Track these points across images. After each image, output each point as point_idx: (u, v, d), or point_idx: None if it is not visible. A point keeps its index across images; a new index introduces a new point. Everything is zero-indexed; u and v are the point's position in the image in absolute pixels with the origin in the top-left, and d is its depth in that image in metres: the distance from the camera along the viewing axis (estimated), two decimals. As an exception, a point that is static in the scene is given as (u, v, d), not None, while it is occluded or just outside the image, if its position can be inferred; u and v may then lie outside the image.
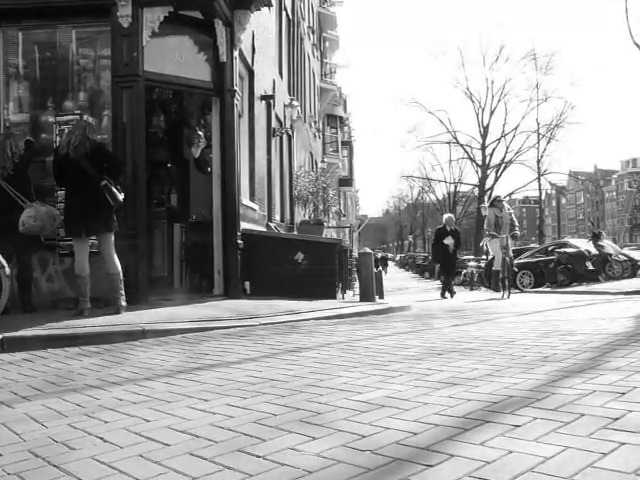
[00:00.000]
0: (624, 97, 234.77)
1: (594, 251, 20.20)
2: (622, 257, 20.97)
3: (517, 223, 14.41)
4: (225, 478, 2.07)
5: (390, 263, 75.55)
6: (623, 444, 2.16)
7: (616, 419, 2.47)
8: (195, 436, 2.59)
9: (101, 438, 2.63)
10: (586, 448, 2.14)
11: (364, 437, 2.43)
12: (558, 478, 1.88)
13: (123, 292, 7.55)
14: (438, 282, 43.36)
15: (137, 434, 2.67)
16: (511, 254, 13.70)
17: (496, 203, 14.63)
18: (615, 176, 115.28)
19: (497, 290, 14.11)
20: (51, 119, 8.97)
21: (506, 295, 13.34)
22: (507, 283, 13.58)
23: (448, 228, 17.10)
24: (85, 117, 8.08)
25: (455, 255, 17.90)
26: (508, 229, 13.97)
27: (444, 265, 17.90)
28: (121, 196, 7.52)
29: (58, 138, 8.50)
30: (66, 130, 8.31)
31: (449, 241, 16.78)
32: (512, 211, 14.14)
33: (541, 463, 2.02)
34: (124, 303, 7.52)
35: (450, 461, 2.10)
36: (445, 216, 18.63)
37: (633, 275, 19.63)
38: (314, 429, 2.59)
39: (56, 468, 2.26)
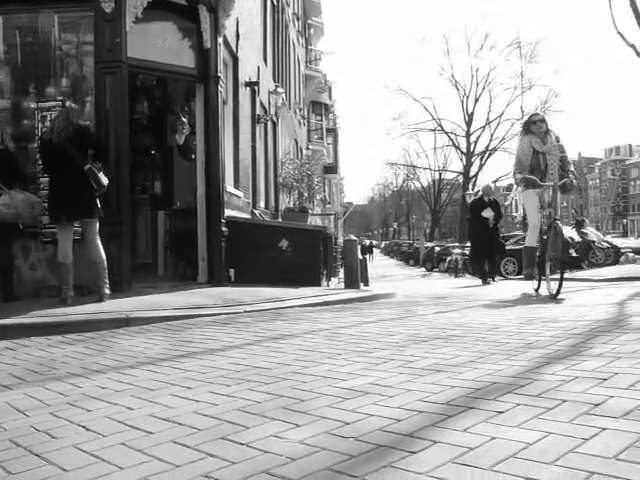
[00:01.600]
0: (608, 86, 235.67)
1: (577, 238, 20.35)
2: (605, 244, 21.15)
3: (572, 163, 8.62)
4: (208, 466, 2.06)
5: (375, 250, 75.69)
6: (604, 429, 2.17)
7: (597, 405, 2.48)
8: (178, 424, 2.58)
9: (84, 427, 2.62)
10: (568, 434, 2.15)
11: (347, 424, 2.43)
12: (540, 463, 1.89)
13: (107, 280, 7.51)
14: (423, 269, 43.46)
15: (120, 422, 2.66)
16: (558, 219, 8.00)
17: (534, 127, 8.25)
18: (598, 164, 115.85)
19: (531, 278, 8.45)
20: (33, 105, 8.87)
21: (549, 289, 7.86)
22: (550, 268, 8.02)
23: (486, 199, 14.60)
24: (68, 103, 8.00)
25: (497, 231, 15.14)
26: (557, 173, 8.12)
27: (483, 244, 14.69)
28: (105, 181, 7.47)
29: (40, 124, 8.43)
30: (48, 117, 8.24)
31: (488, 214, 14.31)
32: (563, 143, 8.42)
33: (523, 449, 2.03)
34: (108, 291, 7.48)
35: (433, 447, 2.11)
36: (483, 186, 16.04)
37: (616, 262, 19.80)
38: (298, 416, 2.59)
39: (38, 457, 2.25)
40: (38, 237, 8.62)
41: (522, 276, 9.12)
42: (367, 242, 65.72)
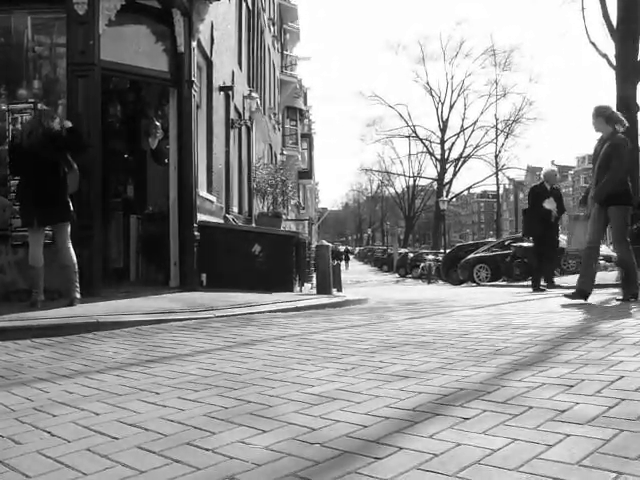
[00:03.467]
0: (580, 94, 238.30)
1: (549, 246, 20.44)
2: (577, 252, 21.29)
3: None
4: (173, 471, 2.05)
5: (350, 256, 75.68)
6: (568, 436, 2.19)
7: (563, 411, 2.50)
8: (145, 429, 2.56)
9: (49, 432, 2.60)
10: (533, 440, 2.17)
11: (314, 430, 2.43)
12: (504, 470, 1.90)
13: (78, 284, 7.45)
14: (396, 275, 43.62)
15: (86, 428, 2.63)
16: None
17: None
18: (571, 172, 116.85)
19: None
20: (4, 107, 8.78)
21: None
22: None
23: (548, 186, 12.16)
24: (39, 106, 7.93)
25: (557, 227, 12.47)
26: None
27: (542, 241, 12.10)
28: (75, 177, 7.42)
29: (11, 126, 8.35)
30: (19, 119, 8.17)
31: (551, 205, 11.87)
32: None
33: (488, 455, 2.04)
34: (78, 295, 7.41)
35: (399, 453, 2.11)
36: (544, 170, 13.25)
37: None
38: (264, 422, 2.58)
39: (0, 463, 2.22)
40: (8, 240, 8.52)
41: (491, 282, 9.63)
42: (342, 248, 65.49)
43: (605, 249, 26.42)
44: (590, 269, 7.73)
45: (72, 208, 7.45)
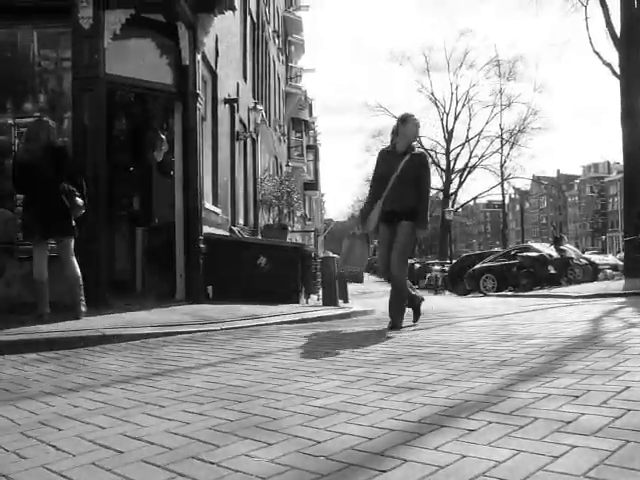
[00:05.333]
0: (586, 103, 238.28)
1: (556, 255, 20.48)
2: (583, 261, 21.30)
3: None
4: (177, 486, 2.05)
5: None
6: (574, 447, 2.18)
7: (569, 422, 2.49)
8: (150, 443, 2.56)
9: (53, 446, 2.59)
10: (538, 451, 2.16)
11: (319, 443, 2.42)
12: (509, 482, 1.90)
13: (83, 297, 7.45)
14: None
15: (91, 442, 2.63)
16: None
17: None
18: (577, 181, 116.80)
19: None
20: (10, 121, 8.83)
21: None
22: None
23: None
24: (45, 119, 7.95)
25: None
26: None
27: None
28: (80, 202, 7.39)
29: (17, 140, 8.38)
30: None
31: None
32: None
33: (493, 467, 2.03)
34: (84, 308, 7.42)
35: (403, 466, 2.10)
36: None
37: (594, 279, 19.92)
38: (269, 435, 2.57)
39: (5, 478, 2.22)
40: (13, 254, 8.54)
41: (497, 292, 9.14)
42: None
43: (612, 258, 26.28)
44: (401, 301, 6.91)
45: (74, 223, 7.43)
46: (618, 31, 17.39)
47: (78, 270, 7.44)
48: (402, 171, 6.70)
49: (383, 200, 6.77)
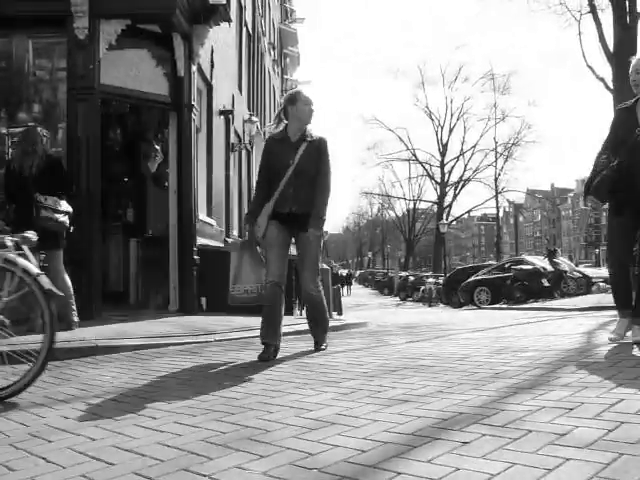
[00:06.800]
0: (579, 117, 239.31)
1: (550, 268, 20.53)
2: (577, 274, 21.34)
3: None
4: (168, 498, 2.03)
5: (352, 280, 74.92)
6: (568, 460, 2.17)
7: (562, 435, 2.48)
8: (141, 455, 2.54)
9: (44, 458, 2.57)
10: (532, 464, 2.15)
11: (312, 455, 2.41)
12: (503, 495, 1.88)
13: (74, 308, 7.41)
14: (397, 298, 43.48)
15: (82, 453, 2.61)
16: None
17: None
18: (571, 194, 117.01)
19: None
20: (3, 130, 8.81)
21: None
22: None
23: None
24: (39, 129, 7.91)
25: None
26: None
27: None
28: (63, 218, 7.25)
29: (10, 150, 8.36)
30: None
31: None
32: None
33: (487, 480, 2.02)
34: (76, 319, 7.38)
35: (397, 478, 2.10)
36: None
37: (588, 292, 19.95)
38: (262, 447, 2.56)
39: (-6, 489, 2.20)
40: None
41: (491, 305, 8.96)
42: (344, 272, 64.23)
43: (605, 271, 26.32)
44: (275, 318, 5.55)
45: (64, 235, 7.37)
46: (611, 46, 17.49)
47: (69, 281, 7.39)
48: (299, 164, 5.49)
49: (276, 200, 5.50)
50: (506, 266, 23.34)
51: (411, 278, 44.43)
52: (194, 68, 10.61)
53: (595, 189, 5.48)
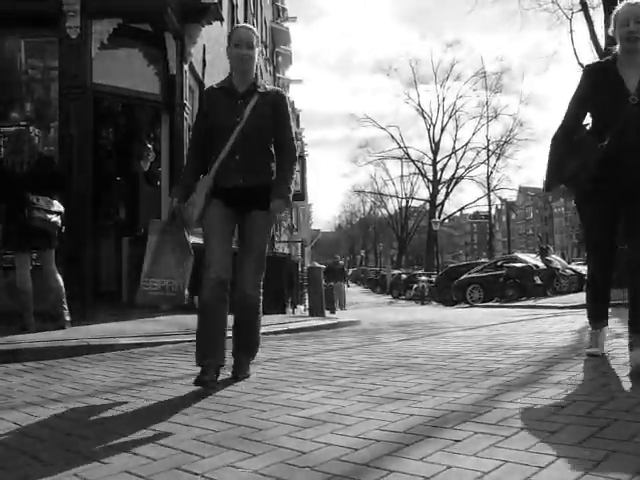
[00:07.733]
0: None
1: (542, 266, 20.56)
2: (569, 272, 21.39)
3: None
4: (160, 497, 2.03)
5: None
6: (560, 457, 2.18)
7: (554, 433, 2.49)
8: (133, 454, 2.54)
9: (35, 457, 2.57)
10: (524, 462, 2.15)
11: (304, 453, 2.41)
12: (494, 493, 1.89)
13: (67, 307, 7.39)
14: (389, 297, 43.46)
15: (74, 452, 2.61)
16: None
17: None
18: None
19: None
20: (-5, 130, 8.78)
21: None
22: None
23: None
24: (31, 129, 7.88)
25: None
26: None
27: None
28: (56, 218, 7.23)
29: (2, 149, 8.34)
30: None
31: None
32: None
33: (479, 478, 2.03)
34: (68, 318, 7.36)
35: (389, 477, 2.10)
36: None
37: (580, 289, 19.98)
38: (254, 446, 2.56)
39: (-14, 489, 2.20)
40: (-1, 263, 8.47)
41: (484, 303, 8.96)
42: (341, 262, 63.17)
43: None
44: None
45: (56, 234, 7.35)
46: (603, 44, 17.52)
47: (61, 280, 7.38)
48: (248, 122, 4.18)
49: (217, 170, 4.18)
50: (499, 264, 23.37)
51: (404, 276, 44.38)
52: (186, 67, 10.60)
53: (572, 177, 4.19)
